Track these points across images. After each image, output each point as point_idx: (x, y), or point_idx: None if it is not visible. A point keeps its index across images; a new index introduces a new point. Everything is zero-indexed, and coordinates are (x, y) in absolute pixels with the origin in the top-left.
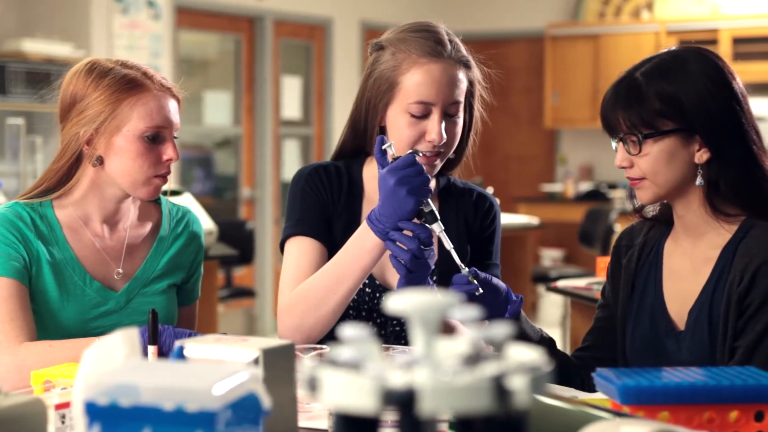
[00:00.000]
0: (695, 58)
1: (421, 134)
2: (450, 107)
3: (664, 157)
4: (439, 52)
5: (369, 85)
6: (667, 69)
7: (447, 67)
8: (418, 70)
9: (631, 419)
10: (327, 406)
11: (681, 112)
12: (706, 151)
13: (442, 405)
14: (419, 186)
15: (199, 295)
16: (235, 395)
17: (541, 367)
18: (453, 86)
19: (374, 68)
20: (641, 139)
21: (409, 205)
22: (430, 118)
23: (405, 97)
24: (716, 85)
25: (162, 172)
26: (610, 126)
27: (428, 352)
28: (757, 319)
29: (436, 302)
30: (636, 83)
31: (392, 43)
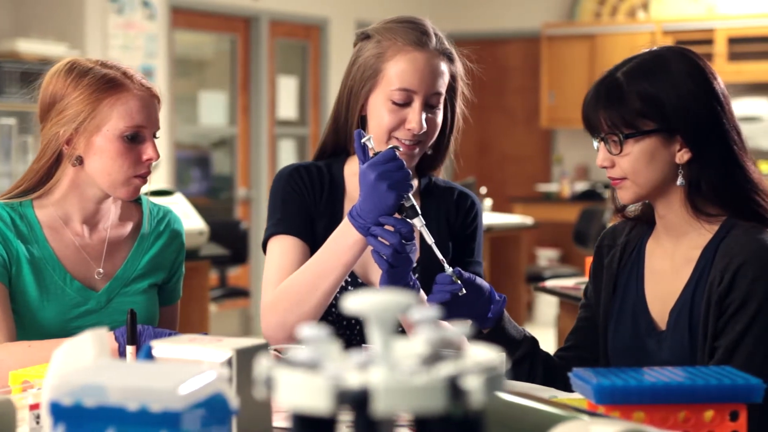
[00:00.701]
0: (676, 58)
1: (401, 122)
2: (432, 98)
3: (645, 157)
4: (424, 42)
5: (352, 74)
6: (648, 69)
7: (431, 57)
8: (403, 57)
9: (601, 419)
10: (282, 405)
11: (662, 112)
12: (687, 151)
13: (396, 405)
14: (400, 180)
15: (180, 295)
16: (201, 395)
17: (498, 367)
18: (436, 76)
19: (358, 56)
20: (622, 139)
21: (390, 200)
22: (412, 107)
23: (388, 84)
24: (697, 86)
25: (142, 172)
26: (592, 126)
27: (385, 352)
28: (737, 319)
29: (392, 302)
30: (617, 83)
31: (378, 32)
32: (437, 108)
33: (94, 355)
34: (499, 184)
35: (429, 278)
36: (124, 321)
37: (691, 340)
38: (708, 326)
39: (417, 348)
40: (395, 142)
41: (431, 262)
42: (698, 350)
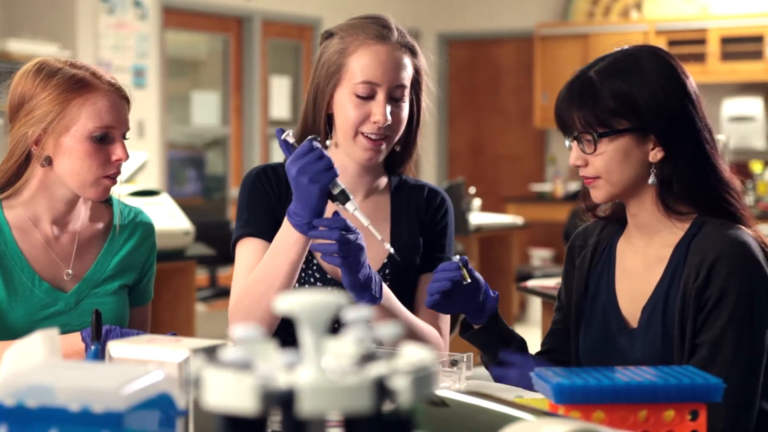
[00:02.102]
0: (649, 57)
1: (366, 116)
2: (395, 90)
3: (618, 156)
4: (385, 36)
5: (317, 72)
6: (622, 68)
7: (393, 50)
8: (365, 51)
9: (553, 418)
10: (209, 405)
11: (635, 111)
12: (660, 150)
13: (322, 405)
14: (319, 172)
15: (152, 296)
16: (146, 396)
17: (429, 367)
18: (398, 69)
19: (322, 54)
20: (596, 138)
21: (314, 193)
22: (376, 100)
23: (351, 78)
24: (670, 85)
25: (111, 173)
26: (565, 125)
27: (314, 351)
28: (716, 315)
29: (323, 302)
30: (590, 82)
31: (341, 30)
32: (402, 101)
33: (44, 356)
34: (493, 184)
35: (398, 269)
36: None
37: (665, 337)
38: (685, 324)
39: (350, 348)
40: (362, 138)
41: (402, 246)
42: (674, 348)
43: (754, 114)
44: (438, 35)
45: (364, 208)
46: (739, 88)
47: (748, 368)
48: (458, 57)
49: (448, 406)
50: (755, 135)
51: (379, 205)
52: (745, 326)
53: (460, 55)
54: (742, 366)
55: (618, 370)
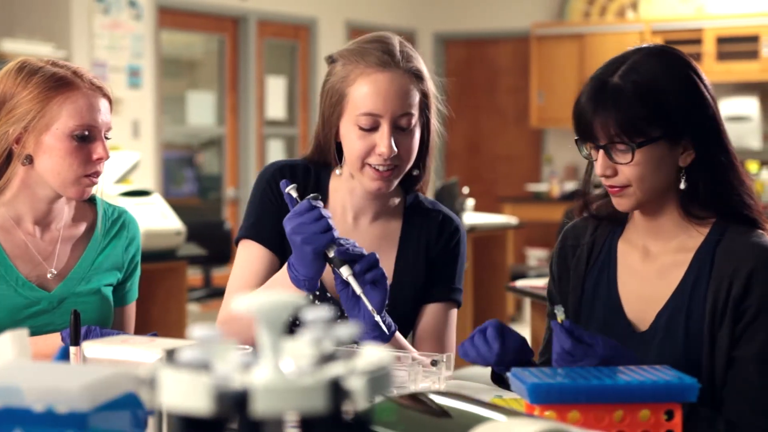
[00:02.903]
0: (669, 58)
1: (370, 147)
2: (400, 119)
3: (653, 164)
4: (386, 62)
5: (323, 100)
6: (647, 71)
7: (395, 77)
8: (365, 80)
9: (524, 418)
10: (164, 406)
11: (668, 116)
12: (690, 153)
13: (276, 405)
14: (314, 234)
15: (136, 297)
16: (110, 396)
17: (385, 367)
18: (402, 97)
19: (326, 81)
20: (634, 148)
21: (308, 255)
22: (379, 131)
23: (353, 109)
24: (695, 85)
25: (92, 172)
26: (591, 134)
27: (272, 352)
28: (756, 327)
29: (280, 302)
30: (618, 88)
31: (342, 55)
32: (409, 129)
33: (13, 356)
34: (490, 184)
35: (398, 301)
36: None
37: (688, 344)
38: (716, 332)
39: (307, 348)
40: (369, 169)
41: (401, 285)
42: (702, 356)
43: (749, 114)
44: (434, 35)
45: (372, 232)
46: (735, 88)
47: None
48: (455, 57)
49: (419, 405)
50: (751, 135)
51: (389, 230)
52: None
53: (457, 55)
54: None
55: (592, 370)
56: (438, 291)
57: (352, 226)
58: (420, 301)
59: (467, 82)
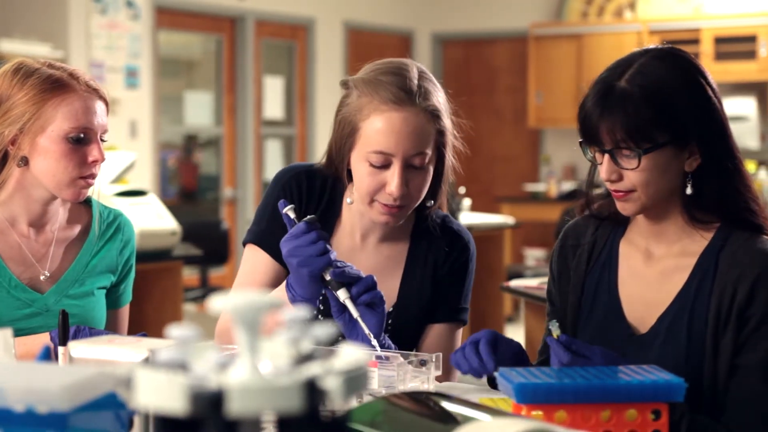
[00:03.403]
0: (675, 60)
1: (380, 185)
2: (413, 158)
3: (659, 169)
4: (402, 100)
5: (336, 126)
6: (654, 75)
7: (410, 117)
8: (379, 117)
9: (508, 418)
10: (140, 406)
11: (676, 121)
12: (696, 158)
13: (251, 405)
14: (310, 257)
15: (130, 299)
16: (91, 396)
17: (362, 367)
18: (416, 137)
19: (340, 108)
20: (641, 154)
21: (304, 277)
22: (390, 169)
23: (365, 145)
24: (702, 89)
25: (87, 174)
26: (596, 138)
27: (249, 352)
28: (761, 334)
29: (257, 302)
30: (625, 93)
31: (358, 85)
32: (421, 168)
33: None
34: (488, 184)
35: (401, 320)
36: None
37: (690, 349)
38: (719, 338)
39: (285, 348)
40: (377, 204)
41: (405, 307)
42: (704, 360)
43: (747, 114)
44: (432, 35)
45: (379, 251)
46: (732, 88)
47: None
48: (452, 57)
49: (406, 405)
50: (748, 135)
51: (396, 250)
52: None
53: (455, 55)
54: None
55: (579, 370)
56: (444, 312)
57: (359, 244)
58: (425, 320)
59: (465, 82)
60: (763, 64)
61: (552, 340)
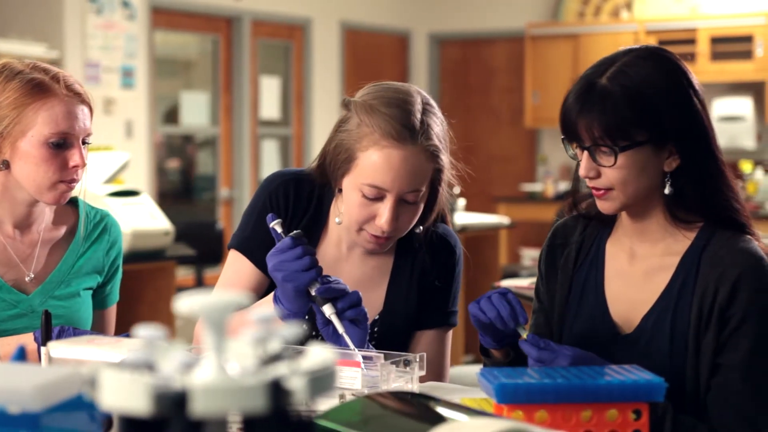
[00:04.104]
0: (658, 60)
1: (371, 216)
2: (408, 195)
3: (636, 168)
4: (404, 138)
5: (331, 147)
6: (635, 73)
7: (409, 156)
8: (378, 152)
9: (486, 418)
10: (104, 406)
11: (655, 120)
12: (676, 159)
13: (215, 406)
14: (295, 272)
15: (117, 299)
16: (63, 396)
17: (329, 368)
18: (413, 176)
19: (339, 130)
20: (618, 151)
21: (289, 292)
22: (383, 203)
23: (360, 176)
24: (684, 89)
25: (68, 178)
26: (576, 135)
27: (215, 352)
28: (741, 334)
29: (223, 302)
30: (605, 90)
31: (360, 111)
32: (414, 203)
33: None
34: (485, 184)
35: (387, 328)
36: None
37: (673, 348)
38: (701, 337)
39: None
40: (365, 233)
41: (391, 315)
42: (686, 359)
43: (743, 114)
44: (429, 35)
45: (365, 262)
46: (729, 88)
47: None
48: (449, 57)
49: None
50: (745, 135)
51: (381, 260)
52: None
53: (451, 55)
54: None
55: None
56: (434, 318)
57: (345, 254)
58: (413, 327)
59: (462, 83)
60: (760, 64)
61: (522, 343)
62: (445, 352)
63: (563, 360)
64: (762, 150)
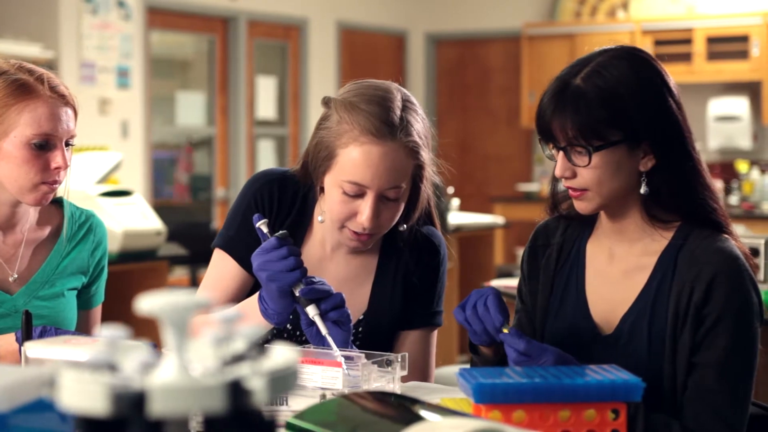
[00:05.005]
0: (633, 60)
1: (352, 213)
2: (389, 191)
3: (611, 168)
4: (383, 134)
5: (312, 145)
6: (609, 74)
7: (389, 152)
8: (357, 148)
9: (459, 418)
10: (63, 406)
11: (628, 120)
12: (651, 158)
13: (173, 406)
14: (279, 272)
15: (102, 300)
16: (32, 396)
17: (289, 368)
18: (393, 172)
19: (320, 128)
20: (592, 152)
21: (273, 291)
22: (364, 200)
23: (340, 173)
24: (658, 89)
25: (50, 180)
26: (551, 135)
27: (176, 352)
28: (716, 333)
29: (184, 302)
30: (579, 91)
31: (339, 109)
32: (395, 200)
33: None
34: (481, 184)
35: (372, 328)
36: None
37: (651, 348)
38: (678, 337)
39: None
40: (347, 230)
41: (376, 315)
42: (664, 359)
43: (739, 114)
44: (426, 35)
45: (349, 262)
46: (725, 88)
47: (748, 393)
48: (446, 57)
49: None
50: (741, 135)
51: (366, 260)
52: (746, 343)
53: (448, 55)
54: (747, 387)
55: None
56: (419, 318)
57: (330, 254)
58: (397, 327)
59: (458, 82)
60: (756, 63)
61: (505, 336)
62: (430, 352)
63: (550, 356)
64: (758, 150)
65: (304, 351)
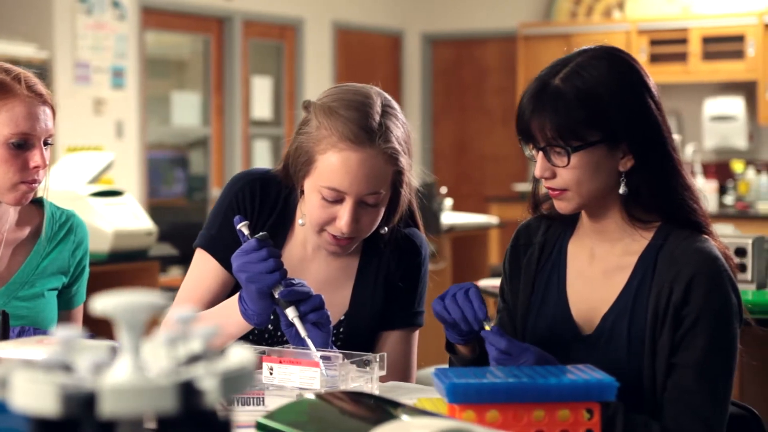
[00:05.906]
0: (612, 60)
1: (331, 218)
2: (367, 197)
3: (590, 168)
4: (361, 140)
5: (292, 149)
6: (588, 74)
7: (367, 159)
8: (336, 154)
9: (428, 418)
10: (15, 407)
11: (607, 121)
12: (630, 159)
13: (124, 406)
14: (259, 274)
15: (83, 300)
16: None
17: (244, 368)
18: (372, 179)
19: (299, 132)
20: (570, 152)
21: (253, 293)
22: (343, 205)
23: (319, 178)
24: (637, 89)
25: (29, 179)
26: (530, 135)
27: (130, 353)
28: (695, 334)
29: (139, 303)
30: (558, 91)
31: (318, 114)
32: (375, 206)
33: None
34: (477, 183)
35: (353, 329)
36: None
37: (630, 349)
38: (657, 337)
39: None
40: (326, 235)
41: (357, 316)
42: (643, 359)
43: (735, 113)
44: (422, 35)
45: (329, 263)
46: (721, 88)
47: (728, 392)
48: (442, 57)
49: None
50: (737, 134)
51: (346, 261)
52: (725, 344)
53: (444, 55)
54: (726, 387)
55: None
56: (400, 318)
57: (311, 255)
58: (378, 327)
59: (454, 83)
60: (751, 63)
61: (486, 334)
62: (411, 352)
63: (530, 355)
64: (753, 149)
65: (282, 351)
